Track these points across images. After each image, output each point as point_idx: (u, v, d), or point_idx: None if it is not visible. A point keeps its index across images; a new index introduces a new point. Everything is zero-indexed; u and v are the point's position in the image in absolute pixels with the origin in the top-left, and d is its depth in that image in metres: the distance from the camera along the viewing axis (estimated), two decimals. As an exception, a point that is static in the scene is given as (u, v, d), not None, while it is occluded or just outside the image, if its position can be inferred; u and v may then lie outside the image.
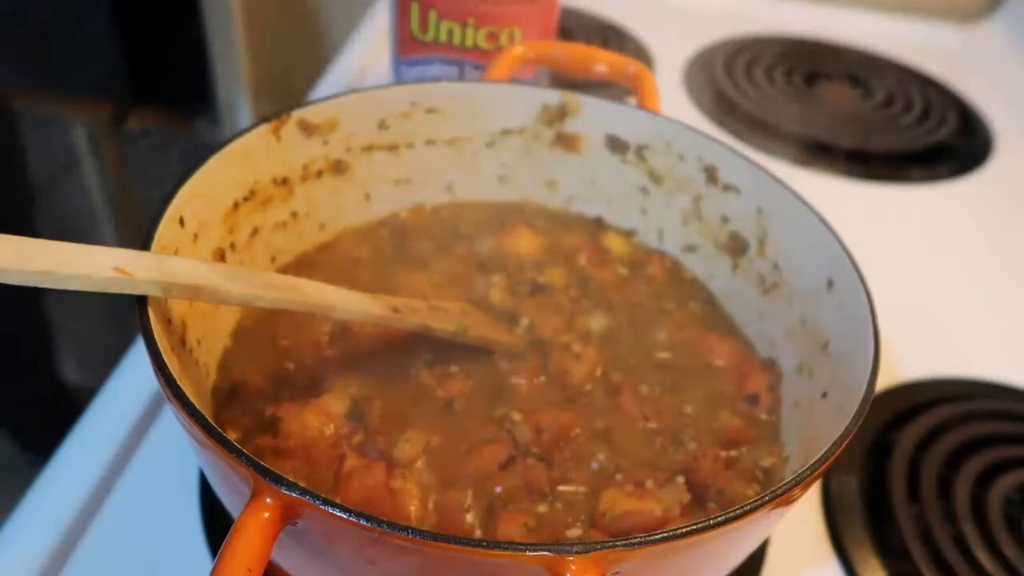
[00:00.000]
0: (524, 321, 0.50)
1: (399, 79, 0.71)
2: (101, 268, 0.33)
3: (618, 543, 0.29)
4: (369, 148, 0.54)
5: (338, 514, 0.28)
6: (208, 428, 0.31)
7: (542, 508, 0.40)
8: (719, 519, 0.30)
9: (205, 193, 0.44)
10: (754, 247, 0.52)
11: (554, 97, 0.56)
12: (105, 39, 1.42)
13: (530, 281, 0.53)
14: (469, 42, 0.66)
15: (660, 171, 0.56)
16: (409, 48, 0.68)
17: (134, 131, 1.53)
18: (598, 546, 0.28)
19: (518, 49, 0.61)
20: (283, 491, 0.29)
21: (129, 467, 0.49)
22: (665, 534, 0.29)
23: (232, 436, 0.40)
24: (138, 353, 0.56)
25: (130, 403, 0.52)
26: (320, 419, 0.42)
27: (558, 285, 0.53)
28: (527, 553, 0.28)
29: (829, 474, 0.53)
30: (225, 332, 0.47)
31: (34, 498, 0.47)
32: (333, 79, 0.90)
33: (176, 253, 0.41)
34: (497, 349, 0.48)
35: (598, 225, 0.59)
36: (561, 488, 0.41)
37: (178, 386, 0.32)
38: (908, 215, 0.80)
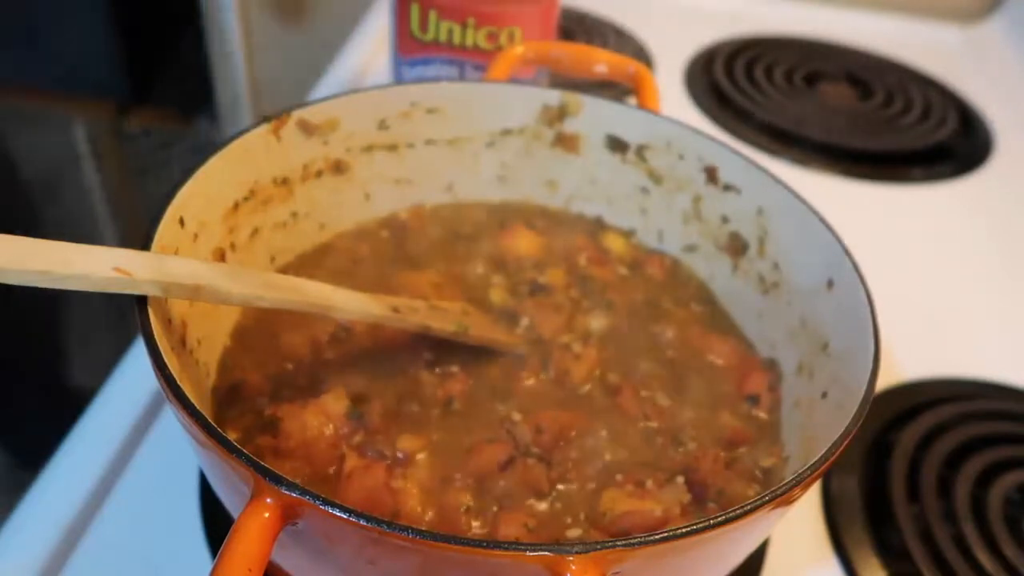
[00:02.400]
0: (524, 321, 0.50)
1: (399, 79, 0.71)
2: (101, 268, 0.33)
3: (618, 543, 0.29)
4: (369, 148, 0.54)
5: (338, 514, 0.28)
6: (208, 428, 0.31)
7: (542, 508, 0.40)
8: (719, 519, 0.30)
9: (205, 193, 0.44)
10: (754, 247, 0.52)
11: (554, 97, 0.56)
12: (105, 39, 1.42)
13: (530, 281, 0.53)
14: (469, 42, 0.66)
15: (660, 171, 0.56)
16: (409, 48, 0.68)
17: (134, 131, 1.53)
18: (598, 546, 0.28)
19: (518, 49, 0.61)
20: (283, 491, 0.29)
21: (129, 467, 0.49)
22: (665, 534, 0.29)
23: (232, 436, 0.39)
24: (138, 353, 0.56)
25: (130, 403, 0.52)
26: (320, 419, 0.42)
27: (558, 285, 0.53)
28: (527, 553, 0.28)
29: (829, 474, 0.53)
30: (225, 332, 0.47)
31: (34, 498, 0.47)
32: (333, 79, 0.90)
33: (176, 253, 0.41)
34: (497, 349, 0.48)
35: (598, 225, 0.59)
36: (561, 488, 0.41)
37: (178, 386, 0.32)
38: (908, 215, 0.80)
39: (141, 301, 0.35)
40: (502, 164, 0.59)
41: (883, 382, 0.60)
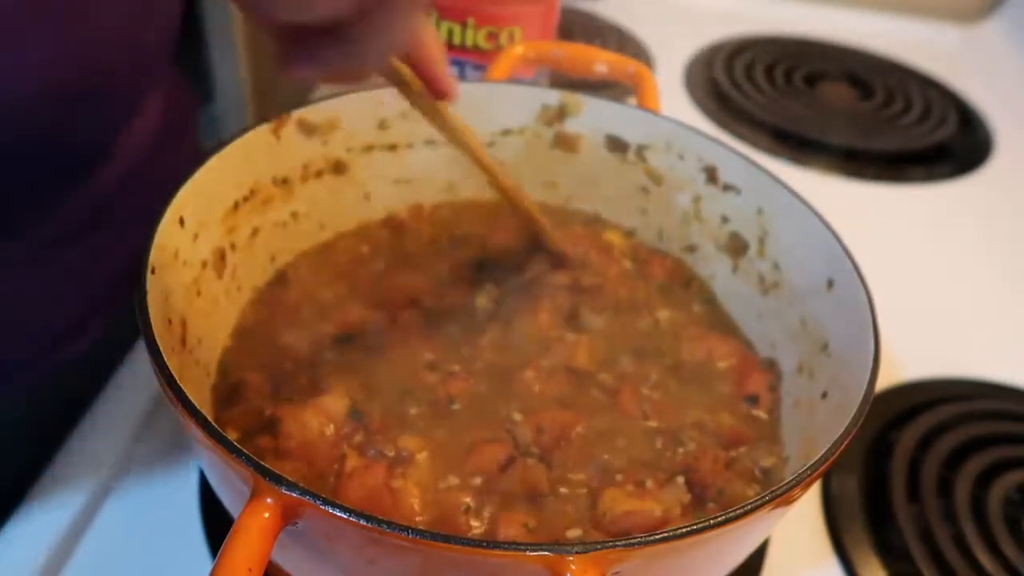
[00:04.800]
0: (525, 319, 0.50)
1: (399, 79, 0.70)
2: None
3: (618, 543, 0.29)
4: (369, 148, 0.54)
5: (338, 514, 0.28)
6: (208, 428, 0.31)
7: (542, 508, 0.40)
8: (719, 519, 0.30)
9: (205, 193, 0.44)
10: (754, 247, 0.52)
11: (554, 97, 0.56)
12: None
13: (530, 280, 0.53)
14: (469, 42, 0.66)
15: (660, 171, 0.56)
16: (409, 48, 0.68)
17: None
18: (598, 546, 0.28)
19: (518, 49, 0.61)
20: (283, 491, 0.29)
21: (129, 467, 0.49)
22: (665, 534, 0.29)
23: (232, 436, 0.39)
24: (138, 353, 0.56)
25: (130, 403, 0.52)
26: (320, 419, 0.42)
27: (559, 283, 0.53)
28: (527, 553, 0.28)
29: (829, 474, 0.53)
30: (225, 332, 0.47)
31: (34, 498, 0.47)
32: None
33: (176, 254, 0.41)
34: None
35: (598, 223, 0.59)
36: (561, 488, 0.41)
37: (178, 386, 0.32)
38: (908, 215, 0.80)
39: (141, 301, 0.35)
40: (502, 164, 0.59)
41: (883, 382, 0.60)
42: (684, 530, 0.29)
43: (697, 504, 0.41)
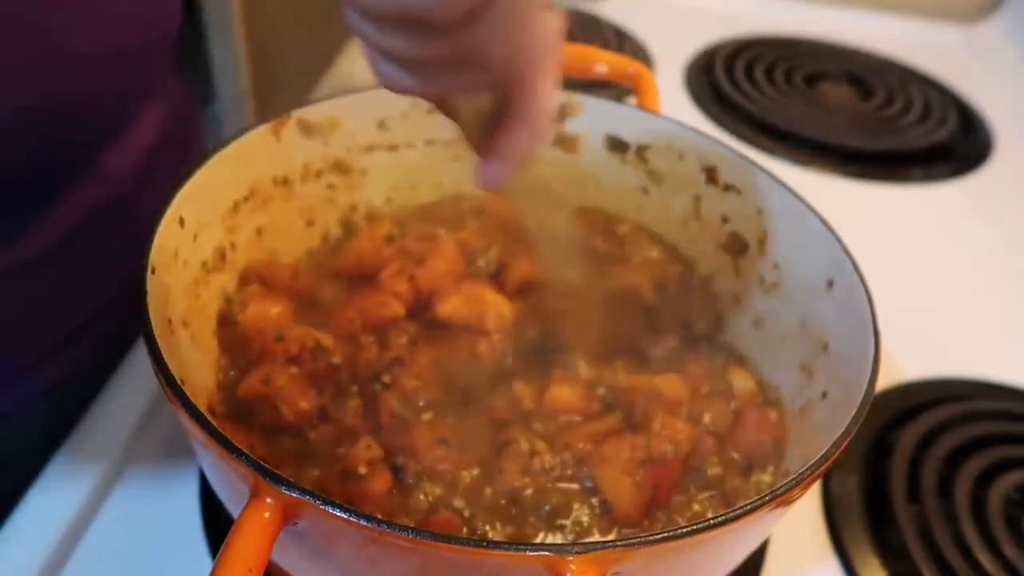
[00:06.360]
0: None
1: (399, 79, 0.70)
2: None
3: (618, 543, 0.29)
4: (369, 148, 0.54)
5: (338, 514, 0.28)
6: (208, 428, 0.31)
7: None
8: (719, 519, 0.30)
9: (205, 193, 0.44)
10: (754, 247, 0.52)
11: (554, 97, 0.56)
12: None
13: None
14: (469, 42, 0.66)
15: (660, 171, 0.56)
16: (409, 48, 0.68)
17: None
18: (598, 546, 0.28)
19: (518, 49, 0.61)
20: (283, 491, 0.29)
21: (129, 467, 0.49)
22: (665, 534, 0.29)
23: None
24: (138, 353, 0.56)
25: (130, 403, 0.52)
26: None
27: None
28: (527, 553, 0.28)
29: (829, 474, 0.53)
30: (225, 332, 0.47)
31: (34, 498, 0.47)
32: (333, 79, 0.90)
33: (176, 253, 0.41)
34: None
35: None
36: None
37: (178, 386, 0.32)
38: (908, 215, 0.80)
39: (141, 301, 0.35)
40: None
41: (883, 382, 0.60)
42: (684, 530, 0.29)
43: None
